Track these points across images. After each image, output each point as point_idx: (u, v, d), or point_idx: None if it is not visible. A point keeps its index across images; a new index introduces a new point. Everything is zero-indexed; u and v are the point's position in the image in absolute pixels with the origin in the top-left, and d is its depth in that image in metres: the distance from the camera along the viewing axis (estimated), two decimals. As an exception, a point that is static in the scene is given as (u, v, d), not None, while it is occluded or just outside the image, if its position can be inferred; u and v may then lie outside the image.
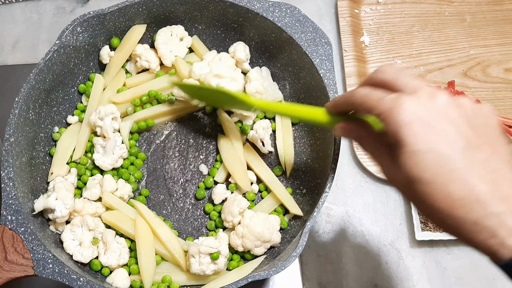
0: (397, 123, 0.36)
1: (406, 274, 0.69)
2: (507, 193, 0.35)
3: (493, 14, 0.85)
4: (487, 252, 0.36)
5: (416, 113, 0.36)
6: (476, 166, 0.35)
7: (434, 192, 0.35)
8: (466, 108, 0.38)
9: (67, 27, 0.64)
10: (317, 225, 0.72)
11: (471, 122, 0.37)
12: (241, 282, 0.53)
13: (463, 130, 0.36)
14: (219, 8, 0.68)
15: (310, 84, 0.66)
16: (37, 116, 0.64)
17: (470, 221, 0.35)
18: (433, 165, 0.35)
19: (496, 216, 0.34)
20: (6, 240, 0.54)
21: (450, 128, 0.36)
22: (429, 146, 0.35)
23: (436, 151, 0.35)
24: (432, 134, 0.36)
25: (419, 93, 0.38)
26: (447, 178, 0.35)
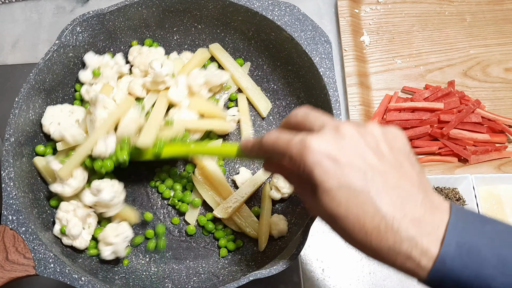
0: (307, 164, 0.37)
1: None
2: (419, 214, 0.36)
3: (493, 14, 0.85)
4: (409, 273, 0.37)
5: (323, 151, 0.37)
6: (386, 194, 0.36)
7: (350, 225, 0.37)
8: (372, 136, 0.38)
9: (67, 27, 0.64)
10: (317, 225, 0.72)
11: (378, 147, 0.38)
12: (242, 281, 0.53)
13: (369, 160, 0.37)
14: (218, 7, 0.68)
15: (310, 83, 0.66)
16: (37, 116, 0.64)
17: (386, 248, 0.36)
18: (345, 200, 0.36)
19: (409, 240, 0.35)
20: (7, 240, 0.54)
21: (356, 160, 0.37)
22: (339, 182, 0.36)
23: (346, 185, 0.36)
24: (340, 170, 0.36)
25: (325, 129, 0.39)
26: (359, 211, 0.36)
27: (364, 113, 0.77)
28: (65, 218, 0.59)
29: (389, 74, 0.81)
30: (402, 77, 0.81)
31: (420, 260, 0.35)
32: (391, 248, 0.36)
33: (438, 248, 0.35)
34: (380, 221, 0.35)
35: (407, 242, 0.35)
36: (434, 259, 0.35)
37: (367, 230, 0.36)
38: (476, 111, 0.75)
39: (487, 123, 0.75)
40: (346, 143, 0.37)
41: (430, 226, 0.35)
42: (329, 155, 0.37)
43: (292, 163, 0.39)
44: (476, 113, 0.75)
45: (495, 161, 0.74)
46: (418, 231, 0.35)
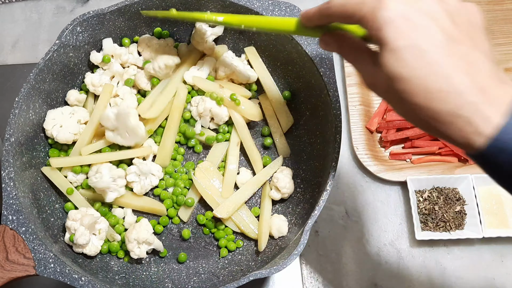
0: (380, 22, 0.36)
1: (406, 274, 0.69)
2: (485, 84, 0.35)
3: (493, 14, 0.85)
4: (462, 142, 0.36)
5: (399, 10, 0.36)
6: (455, 59, 0.35)
7: (413, 87, 0.36)
8: (450, 4, 0.38)
9: (67, 27, 0.64)
10: (317, 225, 0.72)
11: (453, 17, 0.37)
12: (242, 280, 0.53)
13: (443, 25, 0.36)
14: (218, 7, 0.68)
15: (310, 83, 0.66)
16: (37, 116, 0.64)
17: (446, 112, 0.35)
18: (412, 60, 0.35)
19: (472, 105, 0.34)
20: (7, 240, 0.54)
21: (430, 23, 0.36)
22: (409, 41, 0.35)
23: (415, 45, 0.35)
24: (413, 30, 0.36)
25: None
26: (425, 72, 0.35)
27: (364, 113, 0.77)
28: (73, 226, 0.60)
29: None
30: (402, 77, 0.81)
31: (480, 127, 0.34)
32: (451, 110, 0.35)
33: (503, 118, 0.34)
34: (446, 83, 0.35)
35: (471, 107, 0.34)
36: (496, 127, 0.34)
37: (430, 91, 0.35)
38: (476, 111, 0.75)
39: (487, 123, 0.75)
40: (424, 5, 0.37)
41: (496, 96, 0.35)
42: (404, 14, 0.36)
43: (362, 21, 0.38)
44: (476, 113, 0.75)
45: (495, 161, 0.74)
46: (483, 99, 0.34)
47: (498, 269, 0.69)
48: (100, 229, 0.61)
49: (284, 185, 0.65)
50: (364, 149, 0.74)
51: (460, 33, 0.37)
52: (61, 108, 0.66)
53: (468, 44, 0.37)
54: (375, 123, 0.76)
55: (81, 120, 0.66)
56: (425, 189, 0.72)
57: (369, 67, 0.41)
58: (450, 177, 0.71)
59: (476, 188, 0.70)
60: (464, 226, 0.70)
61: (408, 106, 0.37)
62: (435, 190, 0.72)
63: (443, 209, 0.70)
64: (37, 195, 0.62)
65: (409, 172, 0.73)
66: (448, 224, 0.69)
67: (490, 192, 0.72)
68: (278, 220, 0.64)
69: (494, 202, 0.71)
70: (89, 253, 0.61)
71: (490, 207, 0.71)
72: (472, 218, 0.70)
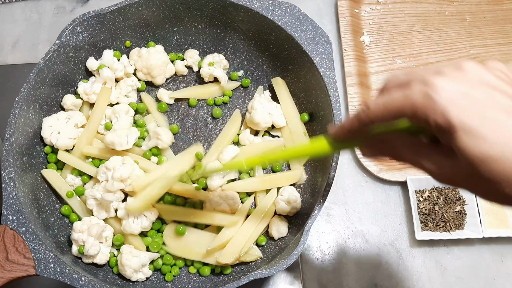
0: (440, 107, 0.32)
1: (406, 274, 0.69)
2: None
3: (493, 14, 0.85)
4: None
5: (455, 89, 0.33)
6: None
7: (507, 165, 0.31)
8: (499, 70, 0.35)
9: (67, 27, 0.64)
10: (317, 225, 0.72)
11: (509, 79, 0.34)
12: (242, 280, 0.53)
13: (504, 89, 0.33)
14: (219, 7, 0.68)
15: (310, 83, 0.66)
16: (37, 116, 0.64)
17: None
18: (497, 136, 0.31)
19: None
20: (7, 240, 0.54)
21: (494, 92, 0.33)
22: (484, 117, 0.32)
23: (494, 120, 0.32)
24: (481, 104, 0.32)
25: (444, 70, 0.34)
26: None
27: (364, 113, 0.77)
28: (81, 239, 0.59)
29: (389, 74, 0.81)
30: (402, 77, 0.81)
31: None
32: None
33: None
34: None
35: None
36: None
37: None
38: (476, 111, 0.75)
39: (487, 123, 0.75)
40: (475, 77, 0.34)
41: None
42: (461, 91, 0.32)
43: (416, 114, 0.34)
44: (476, 113, 0.75)
45: (495, 161, 0.74)
46: None
47: (498, 269, 0.69)
48: (106, 237, 0.61)
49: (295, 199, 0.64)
50: (364, 149, 0.74)
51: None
52: (56, 114, 0.66)
53: None
54: (375, 123, 0.76)
55: (78, 124, 0.66)
56: (425, 189, 0.72)
57: (439, 160, 0.36)
58: (450, 177, 0.71)
59: (476, 188, 0.70)
60: (464, 226, 0.70)
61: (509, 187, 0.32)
62: (435, 190, 0.72)
63: (443, 209, 0.70)
64: (37, 195, 0.62)
65: (409, 172, 0.73)
66: (448, 224, 0.69)
67: (490, 192, 0.72)
68: (278, 221, 0.64)
69: (494, 202, 0.71)
70: (100, 262, 0.60)
71: (490, 207, 0.71)
72: (472, 218, 0.70)
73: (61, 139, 0.64)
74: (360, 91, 0.78)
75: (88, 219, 0.61)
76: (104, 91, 0.67)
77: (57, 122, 0.65)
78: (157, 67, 0.70)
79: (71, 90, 0.69)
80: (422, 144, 0.38)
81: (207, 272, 0.62)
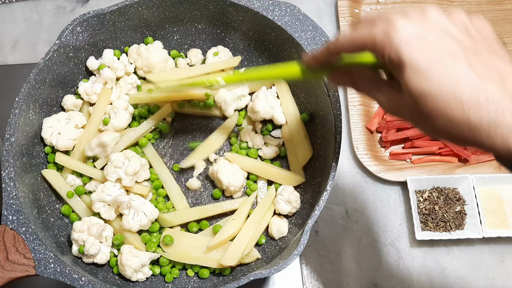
0: (396, 44, 0.36)
1: (406, 274, 0.69)
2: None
3: (493, 14, 0.85)
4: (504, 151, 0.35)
5: (412, 30, 0.36)
6: (481, 69, 0.35)
7: (445, 103, 0.35)
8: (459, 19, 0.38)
9: (67, 27, 0.64)
10: (317, 225, 0.72)
11: (466, 30, 0.37)
12: (242, 280, 0.53)
13: (459, 38, 0.36)
14: (219, 7, 0.68)
15: (310, 83, 0.66)
16: (37, 116, 0.64)
17: (486, 121, 0.34)
18: (437, 76, 0.35)
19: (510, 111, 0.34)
20: (7, 240, 0.54)
21: (446, 38, 0.36)
22: (431, 58, 0.35)
23: (438, 60, 0.35)
24: (431, 46, 0.36)
25: (409, 12, 0.38)
26: (455, 86, 0.34)
27: (364, 113, 0.77)
28: (81, 238, 0.59)
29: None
30: (402, 77, 0.81)
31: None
32: (492, 120, 0.34)
33: None
34: (479, 93, 0.34)
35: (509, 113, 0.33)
36: None
37: (465, 104, 0.34)
38: (476, 111, 0.75)
39: (487, 123, 0.75)
40: (434, 23, 0.37)
41: None
42: (417, 33, 0.36)
43: (376, 48, 0.38)
44: (476, 113, 0.75)
45: (495, 161, 0.74)
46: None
47: (498, 269, 0.69)
48: (106, 236, 0.61)
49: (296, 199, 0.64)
50: (364, 149, 0.74)
51: (476, 44, 0.37)
52: (56, 115, 0.66)
53: (487, 54, 0.36)
54: (375, 123, 0.76)
55: (78, 125, 0.66)
56: (425, 189, 0.72)
57: (389, 93, 0.40)
58: (450, 177, 0.71)
59: (476, 188, 0.70)
60: (464, 226, 0.70)
61: (444, 123, 0.36)
62: (435, 190, 0.72)
63: (443, 209, 0.70)
64: (37, 195, 0.62)
65: (409, 172, 0.73)
66: (448, 224, 0.69)
67: (490, 192, 0.72)
68: (278, 221, 0.64)
69: (494, 202, 0.71)
70: (100, 261, 0.60)
71: (490, 207, 0.71)
72: (472, 218, 0.70)
73: (61, 140, 0.64)
74: (360, 91, 0.78)
75: (88, 219, 0.61)
76: (105, 92, 0.67)
77: (58, 123, 0.65)
78: (158, 65, 0.70)
79: (71, 90, 0.69)
80: (378, 78, 0.42)
81: (206, 275, 0.62)
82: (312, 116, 0.68)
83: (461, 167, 0.74)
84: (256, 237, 0.63)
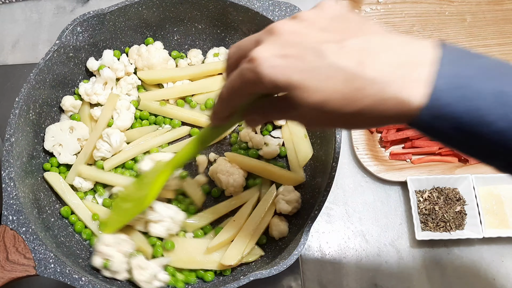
0: (264, 76, 0.36)
1: (406, 274, 0.69)
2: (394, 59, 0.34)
3: (493, 14, 0.85)
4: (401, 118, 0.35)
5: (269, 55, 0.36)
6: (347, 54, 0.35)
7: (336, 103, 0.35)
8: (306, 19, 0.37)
9: (67, 27, 0.64)
10: (317, 225, 0.72)
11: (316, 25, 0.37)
12: (243, 281, 0.53)
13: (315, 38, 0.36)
14: (219, 7, 0.68)
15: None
16: (37, 116, 0.64)
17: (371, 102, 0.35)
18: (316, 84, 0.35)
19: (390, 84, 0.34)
20: (7, 240, 0.54)
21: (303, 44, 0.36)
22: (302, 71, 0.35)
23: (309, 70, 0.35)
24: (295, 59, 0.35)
25: (261, 37, 0.38)
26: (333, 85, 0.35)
27: (364, 113, 0.77)
28: (108, 253, 0.58)
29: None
30: (402, 77, 0.81)
31: (410, 99, 0.34)
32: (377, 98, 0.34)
33: (429, 84, 0.33)
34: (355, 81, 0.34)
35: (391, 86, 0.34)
36: (426, 95, 0.33)
37: (348, 96, 0.35)
38: (476, 111, 0.75)
39: (487, 123, 0.75)
40: (285, 37, 0.36)
41: (414, 65, 0.34)
42: (276, 54, 0.36)
43: (256, 87, 0.37)
44: (476, 113, 0.75)
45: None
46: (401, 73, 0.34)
47: (498, 269, 0.69)
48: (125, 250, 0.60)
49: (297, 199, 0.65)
50: (364, 149, 0.74)
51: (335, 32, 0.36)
52: (59, 123, 0.66)
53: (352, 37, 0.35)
54: (375, 123, 0.76)
55: (81, 139, 0.66)
56: (425, 189, 0.72)
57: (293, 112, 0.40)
58: (450, 177, 0.71)
59: (476, 188, 0.70)
60: (464, 226, 0.70)
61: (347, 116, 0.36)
62: (435, 190, 0.72)
63: (443, 209, 0.70)
64: (38, 195, 0.62)
65: (409, 172, 0.73)
66: (448, 224, 0.69)
67: (490, 192, 0.72)
68: (279, 221, 0.64)
69: (494, 202, 0.71)
70: (119, 278, 0.59)
71: (490, 207, 0.71)
72: (472, 218, 0.70)
73: (63, 154, 0.65)
74: (360, 91, 0.78)
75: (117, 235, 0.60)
76: (112, 98, 0.68)
77: (60, 133, 0.65)
78: (158, 65, 0.70)
79: (71, 90, 0.69)
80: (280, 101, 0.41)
81: (210, 278, 0.62)
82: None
83: (461, 167, 0.74)
84: (257, 236, 0.63)
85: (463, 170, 0.73)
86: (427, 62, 0.34)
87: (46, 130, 0.65)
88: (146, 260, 0.59)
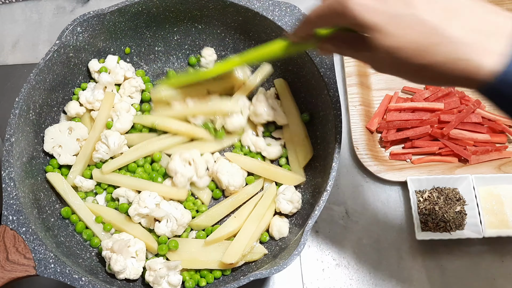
0: (352, 11, 0.38)
1: (406, 274, 0.69)
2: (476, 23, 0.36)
3: (493, 13, 0.85)
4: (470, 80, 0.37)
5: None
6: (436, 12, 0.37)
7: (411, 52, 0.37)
8: None
9: (67, 27, 0.64)
10: (317, 225, 0.72)
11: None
12: (243, 281, 0.53)
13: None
14: (218, 7, 0.68)
15: (310, 83, 0.66)
16: (37, 116, 0.64)
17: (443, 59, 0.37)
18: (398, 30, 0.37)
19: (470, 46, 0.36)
20: (7, 240, 0.54)
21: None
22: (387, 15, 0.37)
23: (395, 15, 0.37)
24: (383, 3, 0.37)
25: None
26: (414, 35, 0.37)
27: (364, 113, 0.77)
28: (108, 256, 0.59)
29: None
30: (402, 77, 0.81)
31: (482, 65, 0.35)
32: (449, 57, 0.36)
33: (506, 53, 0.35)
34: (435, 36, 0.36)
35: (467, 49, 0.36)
36: (500, 63, 0.35)
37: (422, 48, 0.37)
38: (477, 111, 0.75)
39: (487, 123, 0.75)
40: None
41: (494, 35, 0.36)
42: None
43: (339, 19, 0.40)
44: (476, 113, 0.75)
45: (495, 161, 0.74)
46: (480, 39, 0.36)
47: (498, 269, 0.69)
48: (136, 251, 0.60)
49: (298, 199, 0.65)
50: (364, 149, 0.74)
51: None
52: (58, 125, 0.66)
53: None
54: (375, 123, 0.76)
55: (80, 139, 0.66)
56: (425, 189, 0.72)
57: (367, 53, 0.42)
58: (450, 177, 0.71)
59: (476, 188, 0.70)
60: (464, 226, 0.70)
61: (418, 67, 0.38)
62: (435, 190, 0.72)
63: (443, 209, 0.70)
64: (38, 195, 0.62)
65: (409, 172, 0.73)
66: (448, 224, 0.69)
67: (490, 192, 0.72)
68: (279, 221, 0.64)
69: (494, 202, 0.71)
70: (130, 276, 0.59)
71: (490, 207, 0.71)
72: (472, 218, 0.70)
73: (63, 155, 0.65)
74: (360, 91, 0.78)
75: (117, 236, 0.61)
76: (108, 96, 0.68)
77: (59, 134, 0.65)
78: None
79: (71, 90, 0.69)
80: (358, 41, 0.43)
81: (212, 279, 0.61)
82: (312, 116, 0.68)
83: (461, 167, 0.74)
84: (257, 234, 0.63)
85: (463, 170, 0.73)
86: (507, 33, 0.36)
87: (45, 132, 0.65)
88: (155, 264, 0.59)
